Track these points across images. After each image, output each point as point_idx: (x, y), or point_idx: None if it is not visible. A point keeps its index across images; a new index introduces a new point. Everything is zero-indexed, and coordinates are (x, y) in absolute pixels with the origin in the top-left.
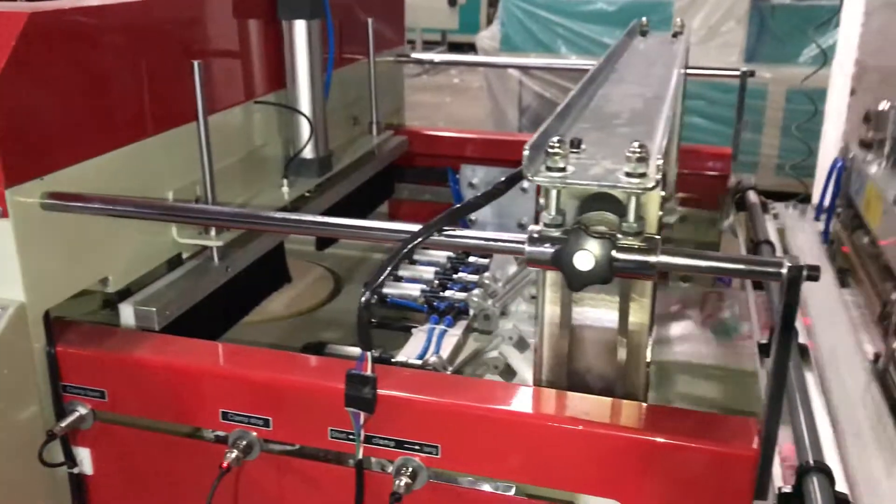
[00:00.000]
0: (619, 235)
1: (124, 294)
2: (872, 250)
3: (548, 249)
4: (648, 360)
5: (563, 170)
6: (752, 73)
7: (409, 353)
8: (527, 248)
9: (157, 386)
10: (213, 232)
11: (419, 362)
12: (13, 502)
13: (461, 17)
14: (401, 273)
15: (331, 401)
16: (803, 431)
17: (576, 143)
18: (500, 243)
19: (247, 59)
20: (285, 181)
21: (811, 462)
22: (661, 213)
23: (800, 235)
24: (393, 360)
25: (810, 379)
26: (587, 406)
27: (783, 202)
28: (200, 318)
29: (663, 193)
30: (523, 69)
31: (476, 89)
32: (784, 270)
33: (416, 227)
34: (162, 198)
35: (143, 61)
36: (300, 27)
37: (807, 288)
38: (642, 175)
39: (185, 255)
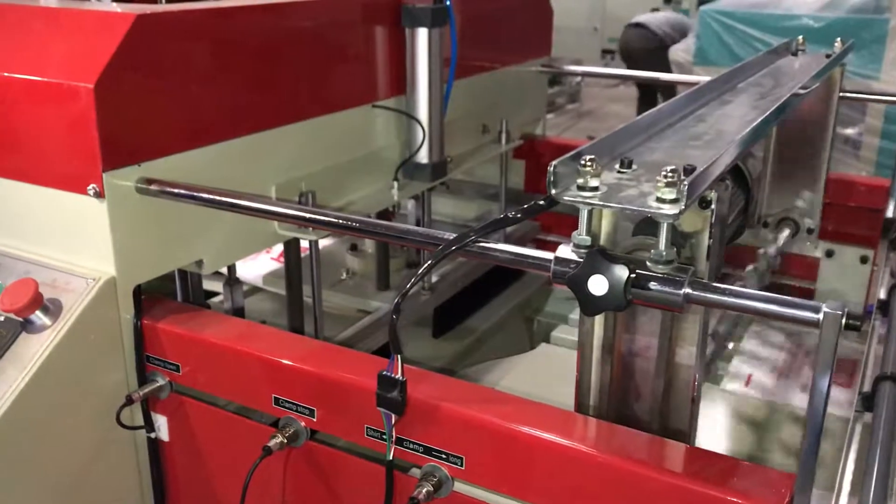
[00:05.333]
0: (649, 263)
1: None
2: None
3: (569, 270)
4: (696, 396)
5: (595, 189)
6: None
7: None
8: (553, 266)
9: (221, 366)
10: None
11: None
12: (97, 456)
13: None
14: None
15: (368, 399)
16: (869, 500)
17: (626, 163)
18: (529, 259)
19: (369, 64)
20: (396, 183)
21: None
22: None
23: None
24: None
25: None
26: (623, 440)
27: None
28: None
29: (706, 220)
30: None
31: None
32: (820, 316)
33: (451, 236)
34: (265, 190)
35: (254, 62)
36: (422, 35)
37: None
38: (674, 201)
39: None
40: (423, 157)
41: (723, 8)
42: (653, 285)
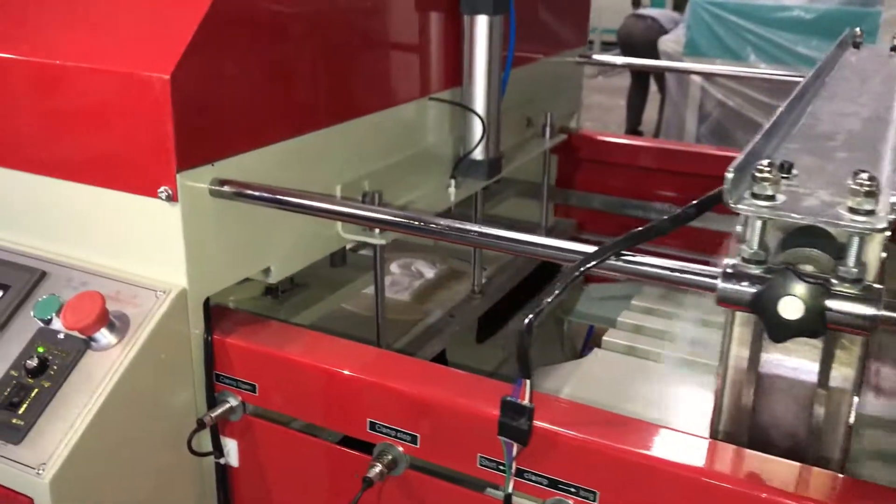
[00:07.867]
0: (834, 281)
1: None
2: None
3: (747, 289)
4: (851, 422)
5: (771, 198)
6: None
7: None
8: (720, 284)
9: (307, 386)
10: (377, 231)
11: None
12: (161, 486)
13: None
14: None
15: (483, 426)
16: None
17: (786, 168)
18: (687, 275)
19: (426, 54)
20: (453, 182)
21: None
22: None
23: None
24: None
25: None
26: (770, 468)
27: None
28: None
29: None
30: (707, 76)
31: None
32: None
33: (589, 249)
34: (330, 191)
35: (323, 52)
36: (482, 23)
37: None
38: (870, 213)
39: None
40: (478, 153)
41: None
42: (847, 308)
